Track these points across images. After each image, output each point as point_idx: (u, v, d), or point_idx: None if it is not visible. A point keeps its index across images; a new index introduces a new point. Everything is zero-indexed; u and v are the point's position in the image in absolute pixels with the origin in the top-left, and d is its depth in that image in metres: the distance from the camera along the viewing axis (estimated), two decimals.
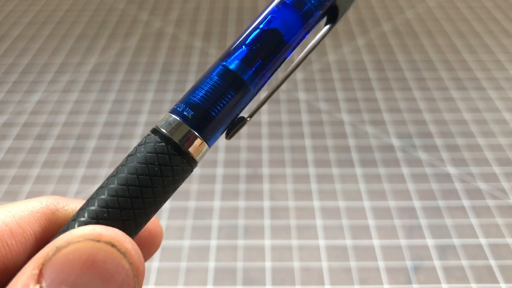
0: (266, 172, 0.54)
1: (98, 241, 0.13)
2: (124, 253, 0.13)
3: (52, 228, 0.15)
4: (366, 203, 0.51)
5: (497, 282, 0.43)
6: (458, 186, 0.52)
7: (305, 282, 0.43)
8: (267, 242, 0.47)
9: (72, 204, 0.16)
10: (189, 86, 0.68)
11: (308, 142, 0.58)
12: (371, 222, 0.49)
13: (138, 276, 0.13)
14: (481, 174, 0.54)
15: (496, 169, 0.54)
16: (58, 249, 0.13)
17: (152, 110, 0.64)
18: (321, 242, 0.47)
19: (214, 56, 0.75)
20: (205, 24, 0.84)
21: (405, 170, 0.54)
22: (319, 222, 0.49)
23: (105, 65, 0.74)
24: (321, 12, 0.17)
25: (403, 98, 0.65)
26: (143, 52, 0.77)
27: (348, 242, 0.47)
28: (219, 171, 0.55)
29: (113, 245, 0.13)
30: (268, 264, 0.45)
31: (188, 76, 0.71)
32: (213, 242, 0.47)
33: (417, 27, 0.81)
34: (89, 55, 0.76)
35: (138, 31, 0.82)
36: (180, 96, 0.65)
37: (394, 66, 0.72)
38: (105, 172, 0.55)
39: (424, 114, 0.63)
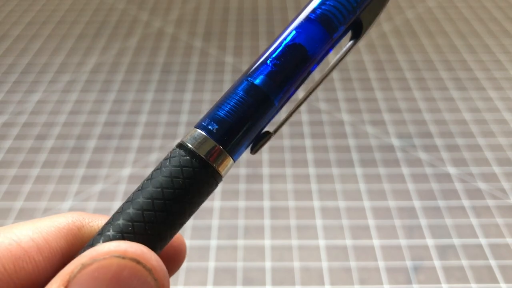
0: (266, 172, 0.54)
1: (123, 257, 0.13)
2: (149, 270, 0.13)
3: (78, 244, 0.15)
4: (366, 203, 0.51)
5: (497, 282, 0.43)
6: (458, 186, 0.52)
7: (305, 282, 0.43)
8: (267, 242, 0.47)
9: (98, 220, 0.16)
10: (189, 86, 0.68)
11: (308, 142, 0.58)
12: (371, 222, 0.49)
13: None
14: (481, 174, 0.54)
15: (496, 169, 0.54)
16: (84, 266, 0.13)
17: (152, 110, 0.64)
18: (321, 242, 0.47)
19: (214, 56, 0.75)
20: (205, 24, 0.84)
21: (405, 170, 0.54)
22: (319, 222, 0.49)
23: (105, 65, 0.74)
24: (345, 27, 0.17)
25: (403, 98, 0.65)
26: (143, 52, 0.77)
27: (348, 242, 0.47)
28: None
29: (138, 262, 0.13)
30: (268, 264, 0.45)
31: (188, 76, 0.71)
32: (213, 242, 0.47)
33: (417, 27, 0.81)
34: (89, 55, 0.76)
35: (138, 31, 0.82)
36: (179, 96, 0.64)
37: (394, 66, 0.72)
38: (105, 172, 0.55)
39: (424, 114, 0.63)
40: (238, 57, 0.75)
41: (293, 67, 0.16)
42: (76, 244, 0.15)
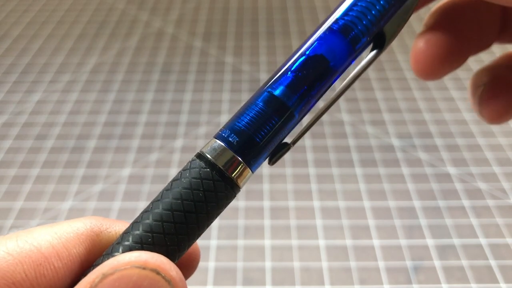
0: (266, 172, 0.54)
1: (144, 268, 0.13)
2: (169, 281, 0.13)
3: (96, 251, 0.15)
4: (366, 203, 0.51)
5: (497, 282, 0.43)
6: (458, 186, 0.52)
7: (305, 282, 0.43)
8: (267, 242, 0.47)
9: (116, 226, 0.16)
10: (189, 86, 0.68)
11: (308, 142, 0.58)
12: (371, 222, 0.49)
13: None
14: (481, 174, 0.54)
15: (496, 169, 0.54)
16: (104, 276, 0.13)
17: (152, 110, 0.64)
18: (321, 242, 0.47)
19: (214, 56, 0.75)
20: (205, 24, 0.84)
21: (405, 170, 0.54)
22: (319, 222, 0.49)
23: (105, 65, 0.74)
24: (368, 38, 0.16)
25: (403, 98, 0.65)
26: (143, 52, 0.77)
27: (348, 242, 0.47)
28: None
29: (158, 273, 0.13)
30: (268, 264, 0.45)
31: (188, 76, 0.71)
32: (213, 242, 0.47)
33: (417, 27, 0.82)
34: (89, 55, 0.76)
35: (138, 31, 0.82)
36: (179, 96, 0.64)
37: (394, 66, 0.72)
38: (105, 172, 0.55)
39: (424, 114, 0.63)
40: (238, 57, 0.75)
41: (314, 78, 0.16)
42: (94, 251, 0.15)
